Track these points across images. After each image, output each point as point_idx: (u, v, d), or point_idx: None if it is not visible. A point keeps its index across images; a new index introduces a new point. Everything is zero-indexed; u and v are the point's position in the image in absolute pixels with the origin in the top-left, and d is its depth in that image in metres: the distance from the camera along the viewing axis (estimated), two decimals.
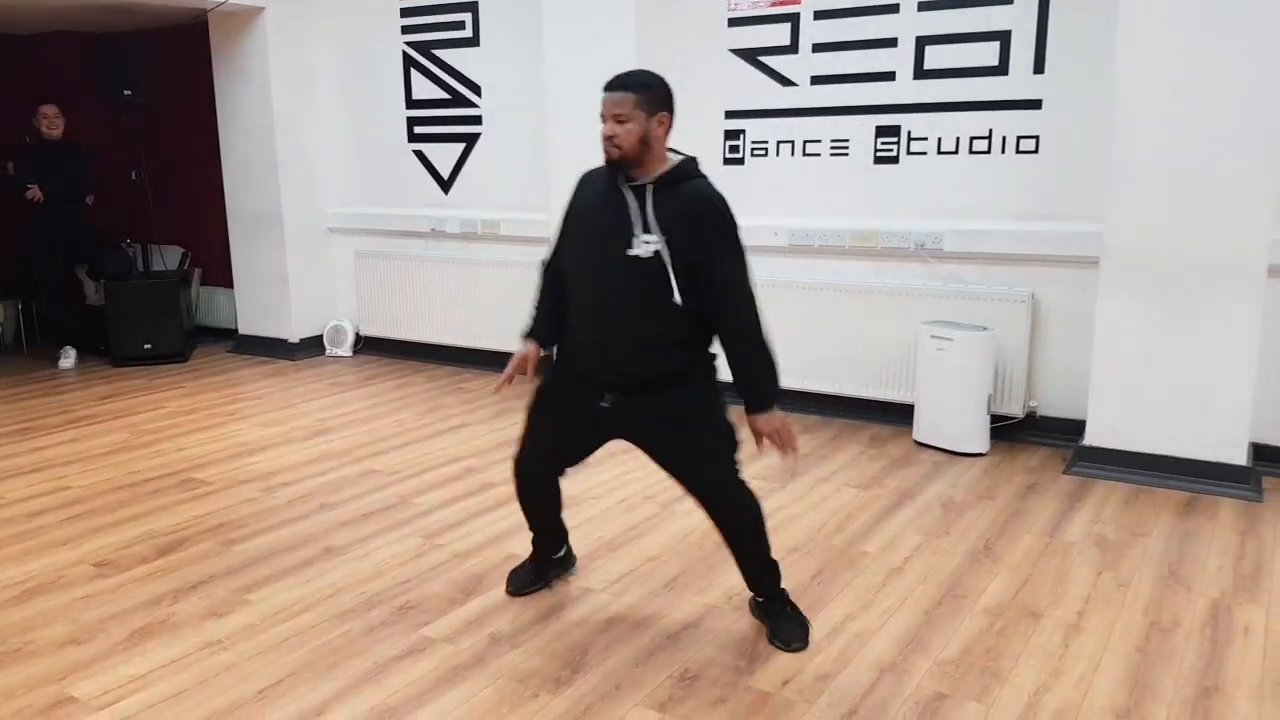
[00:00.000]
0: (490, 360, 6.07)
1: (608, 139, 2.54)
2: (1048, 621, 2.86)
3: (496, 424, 4.99)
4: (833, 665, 2.63)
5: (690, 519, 3.63)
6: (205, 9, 6.17)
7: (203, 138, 6.89)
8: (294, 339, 6.74)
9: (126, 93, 6.40)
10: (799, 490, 3.98)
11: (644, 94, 2.52)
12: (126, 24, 6.78)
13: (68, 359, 6.61)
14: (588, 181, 2.72)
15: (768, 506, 3.76)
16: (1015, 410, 4.54)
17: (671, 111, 2.57)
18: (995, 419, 4.52)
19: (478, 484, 4.10)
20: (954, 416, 4.45)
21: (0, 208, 6.78)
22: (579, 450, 2.87)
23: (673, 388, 2.62)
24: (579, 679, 2.58)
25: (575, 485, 4.04)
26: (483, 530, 3.60)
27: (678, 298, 2.50)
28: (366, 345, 6.80)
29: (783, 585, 2.83)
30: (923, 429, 4.58)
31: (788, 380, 5.00)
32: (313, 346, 6.81)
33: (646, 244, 2.51)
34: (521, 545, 3.38)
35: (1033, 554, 3.34)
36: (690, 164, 2.61)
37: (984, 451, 4.42)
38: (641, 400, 2.62)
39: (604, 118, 2.54)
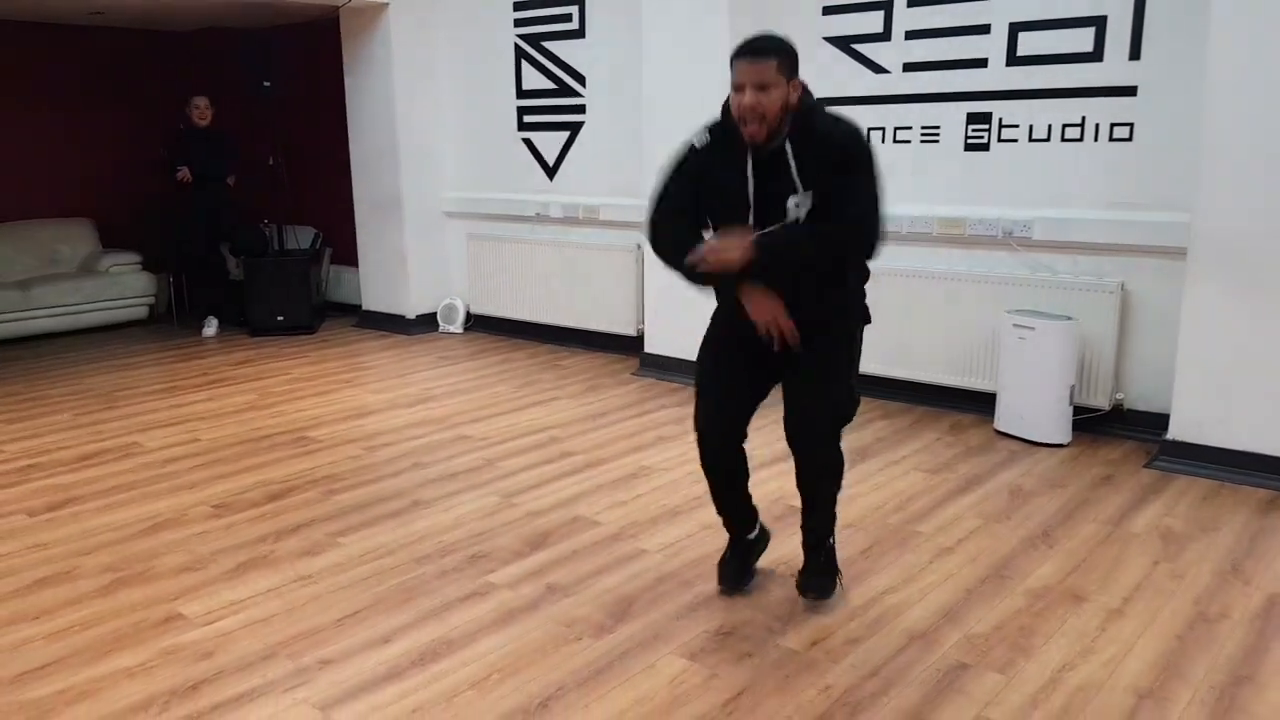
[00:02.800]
0: (589, 340, 6.35)
1: (750, 109, 2.41)
2: (1090, 605, 2.88)
3: (585, 399, 5.24)
4: (864, 631, 2.74)
5: (754, 494, 3.77)
6: (337, 5, 6.63)
7: (335, 126, 7.39)
8: (410, 315, 7.18)
9: (266, 84, 6.94)
10: (866, 472, 4.06)
11: (785, 58, 2.44)
12: (268, 20, 7.35)
13: (210, 328, 7.24)
14: (708, 156, 2.60)
15: None
16: (1101, 402, 4.47)
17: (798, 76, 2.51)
18: (1080, 411, 4.46)
19: (558, 452, 4.35)
20: (1035, 406, 4.42)
21: (154, 190, 7.48)
22: (749, 397, 2.79)
23: (829, 329, 2.67)
24: (621, 627, 2.78)
25: (651, 456, 4.26)
26: (556, 493, 3.84)
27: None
28: (476, 323, 7.17)
29: (832, 541, 2.93)
30: (1004, 418, 4.57)
31: (872, 366, 5.11)
32: (428, 323, 7.23)
33: (798, 206, 2.50)
34: (588, 507, 3.61)
35: (1091, 542, 3.34)
36: (811, 107, 2.52)
37: (1065, 442, 4.38)
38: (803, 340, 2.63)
39: (740, 87, 2.41)
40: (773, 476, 3.88)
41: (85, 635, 2.77)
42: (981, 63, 4.69)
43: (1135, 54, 4.27)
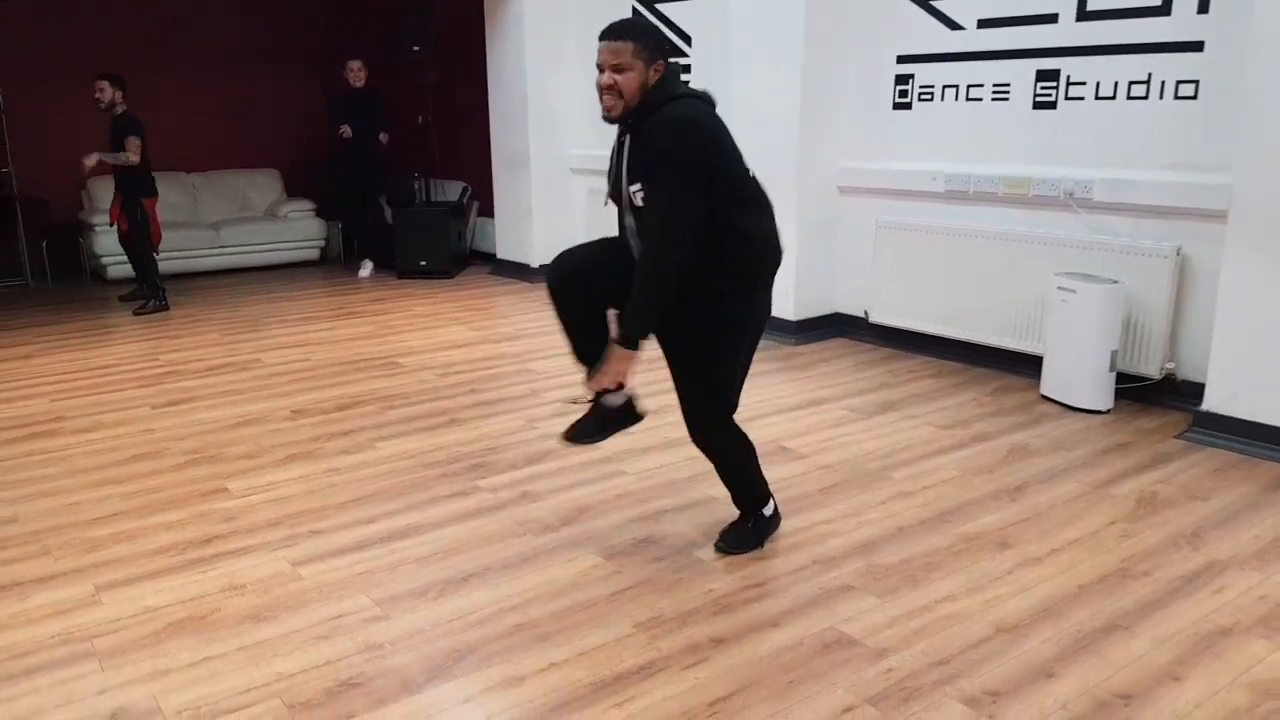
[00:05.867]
0: None
1: (607, 89, 2.50)
2: (1013, 552, 2.95)
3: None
4: (774, 553, 2.96)
5: (755, 435, 3.99)
6: None
7: (480, 88, 8.01)
8: (534, 264, 7.73)
9: (416, 49, 7.64)
10: (878, 423, 4.17)
11: (643, 41, 2.51)
12: None
13: (365, 270, 8.11)
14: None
15: (843, 430, 4.07)
16: (1151, 371, 4.32)
17: (667, 59, 2.56)
18: (1129, 379, 4.34)
19: None
20: (1076, 371, 4.34)
21: (319, 146, 8.40)
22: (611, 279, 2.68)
23: (690, 306, 2.62)
24: (564, 529, 3.14)
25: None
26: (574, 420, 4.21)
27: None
28: None
29: (764, 511, 2.96)
30: (1048, 382, 4.50)
31: (934, 326, 5.14)
32: None
33: (636, 193, 2.55)
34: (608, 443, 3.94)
35: (1059, 499, 3.35)
36: (660, 96, 2.53)
37: (1105, 409, 4.28)
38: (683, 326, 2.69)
39: (601, 67, 2.51)
40: (777, 423, 4.09)
41: (149, 497, 3.45)
42: (1052, 18, 4.57)
43: (1203, 7, 4.06)
